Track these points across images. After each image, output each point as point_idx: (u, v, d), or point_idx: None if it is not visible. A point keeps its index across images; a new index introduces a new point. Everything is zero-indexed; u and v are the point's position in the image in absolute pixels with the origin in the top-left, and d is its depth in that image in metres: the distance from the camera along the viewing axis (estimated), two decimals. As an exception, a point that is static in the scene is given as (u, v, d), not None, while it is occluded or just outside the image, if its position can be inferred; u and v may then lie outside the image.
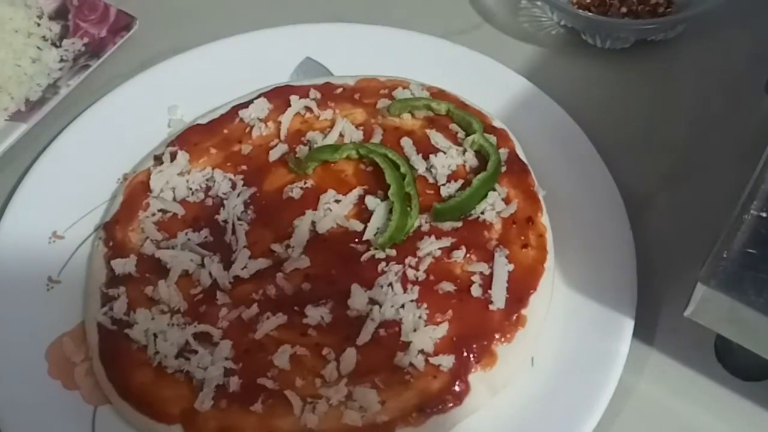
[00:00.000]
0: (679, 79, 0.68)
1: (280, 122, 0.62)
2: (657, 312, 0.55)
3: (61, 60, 0.68)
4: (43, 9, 0.71)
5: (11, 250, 0.57)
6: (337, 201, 0.57)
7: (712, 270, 0.43)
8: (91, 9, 0.70)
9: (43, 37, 0.69)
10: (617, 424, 0.51)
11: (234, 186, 0.59)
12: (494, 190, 0.57)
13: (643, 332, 0.54)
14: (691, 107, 0.66)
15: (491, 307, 0.52)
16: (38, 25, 0.70)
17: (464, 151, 0.60)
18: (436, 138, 0.60)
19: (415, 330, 0.51)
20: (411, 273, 0.54)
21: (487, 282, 0.53)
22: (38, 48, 0.68)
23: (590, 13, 0.68)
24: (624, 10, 0.70)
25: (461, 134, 0.61)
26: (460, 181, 0.58)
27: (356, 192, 0.58)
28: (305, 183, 0.59)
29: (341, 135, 0.61)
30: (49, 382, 0.52)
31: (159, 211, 0.58)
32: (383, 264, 0.54)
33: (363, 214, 0.57)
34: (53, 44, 0.69)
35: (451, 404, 0.49)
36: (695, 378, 0.54)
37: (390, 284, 0.53)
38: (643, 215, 0.59)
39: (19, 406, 0.51)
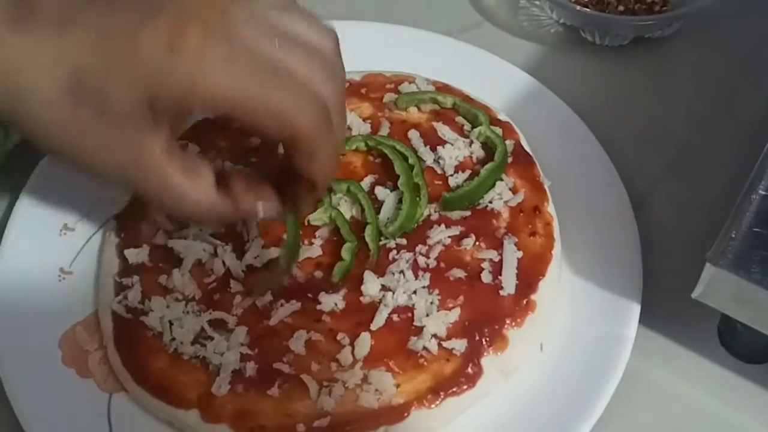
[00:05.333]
0: (677, 74, 0.70)
1: (288, 116, 0.63)
2: (661, 297, 0.56)
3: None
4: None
5: (23, 243, 0.58)
6: (348, 192, 0.58)
7: (721, 250, 0.45)
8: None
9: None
10: (625, 407, 0.52)
11: (244, 178, 0.59)
12: (501, 180, 0.58)
13: (648, 317, 0.55)
14: (689, 101, 0.68)
15: (501, 292, 0.53)
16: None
17: (471, 142, 0.61)
18: (443, 130, 0.61)
19: (427, 315, 0.52)
20: (422, 260, 0.55)
21: (497, 269, 0.54)
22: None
23: (589, 10, 0.70)
24: (621, 8, 0.72)
25: (467, 127, 0.62)
26: (468, 172, 0.59)
27: (367, 181, 0.59)
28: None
29: (349, 128, 0.62)
30: (64, 371, 0.53)
31: (170, 202, 0.58)
32: (394, 252, 0.55)
33: (373, 204, 0.57)
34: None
35: (465, 386, 0.50)
36: (699, 361, 0.55)
37: (401, 271, 0.54)
38: (646, 204, 0.61)
39: (34, 395, 0.51)
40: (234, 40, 0.43)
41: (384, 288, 0.53)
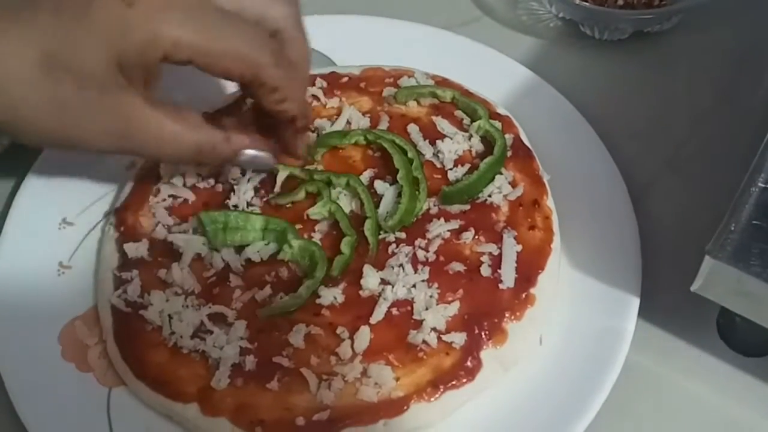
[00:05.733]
0: (676, 68, 0.70)
1: (287, 110, 0.63)
2: (660, 291, 0.56)
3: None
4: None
5: (22, 237, 0.58)
6: (348, 185, 0.58)
7: (720, 243, 0.45)
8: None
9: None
10: (624, 400, 0.52)
11: (244, 172, 0.59)
12: (501, 173, 0.58)
13: (648, 311, 0.55)
14: (687, 95, 0.68)
15: (501, 286, 0.53)
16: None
17: (470, 136, 0.61)
18: (442, 124, 0.61)
19: (427, 308, 0.52)
20: (421, 254, 0.55)
21: (496, 262, 0.54)
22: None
23: (588, 4, 0.70)
24: (620, 2, 0.72)
25: (466, 120, 0.62)
26: (467, 166, 0.59)
27: (366, 175, 0.59)
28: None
29: (348, 122, 0.62)
30: (63, 365, 0.53)
31: (169, 196, 0.58)
32: (393, 246, 0.55)
33: (372, 198, 0.57)
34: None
35: (464, 380, 0.50)
36: (698, 355, 0.55)
37: (401, 265, 0.54)
38: (645, 198, 0.61)
39: (33, 389, 0.51)
40: None
41: (383, 282, 0.53)
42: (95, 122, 0.47)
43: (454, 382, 0.50)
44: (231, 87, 0.64)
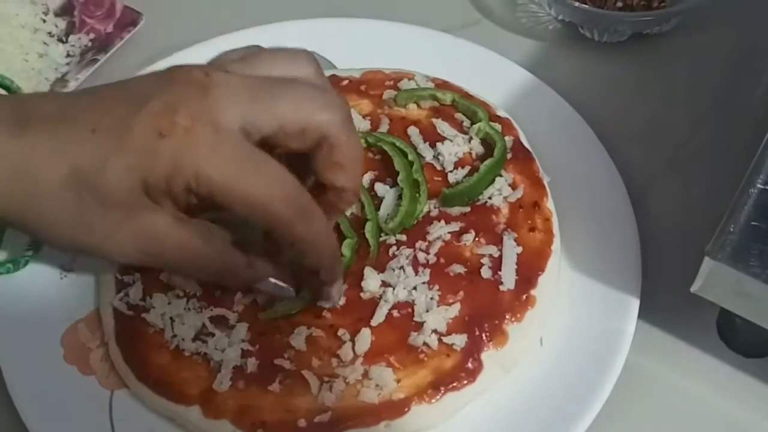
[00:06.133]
0: (675, 69, 0.70)
1: (287, 113, 0.63)
2: (660, 292, 0.56)
3: (68, 55, 0.69)
4: (48, 5, 0.71)
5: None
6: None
7: (719, 244, 0.45)
8: (97, 5, 0.71)
9: (49, 33, 0.70)
10: (624, 401, 0.52)
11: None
12: (501, 176, 0.58)
13: (648, 312, 0.55)
14: (687, 96, 0.68)
15: (501, 288, 0.53)
16: (44, 21, 0.70)
17: (470, 139, 0.61)
18: (442, 127, 0.61)
19: (427, 311, 0.52)
20: (422, 256, 0.55)
21: (497, 264, 0.55)
22: (44, 44, 0.69)
23: (587, 6, 0.70)
24: (619, 4, 0.72)
25: (466, 123, 0.62)
26: (467, 168, 0.59)
27: (367, 178, 0.59)
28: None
29: (348, 125, 0.62)
30: (66, 368, 0.53)
31: (171, 200, 0.59)
32: (394, 248, 0.55)
33: (373, 200, 0.58)
34: (59, 40, 0.70)
35: (465, 381, 0.50)
36: (699, 355, 0.55)
37: (401, 267, 0.54)
38: (644, 199, 0.61)
39: (36, 393, 0.52)
40: (219, 124, 0.45)
41: (384, 284, 0.54)
42: (121, 239, 0.47)
43: (455, 384, 0.50)
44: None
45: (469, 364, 0.51)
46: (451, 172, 0.59)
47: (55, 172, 0.45)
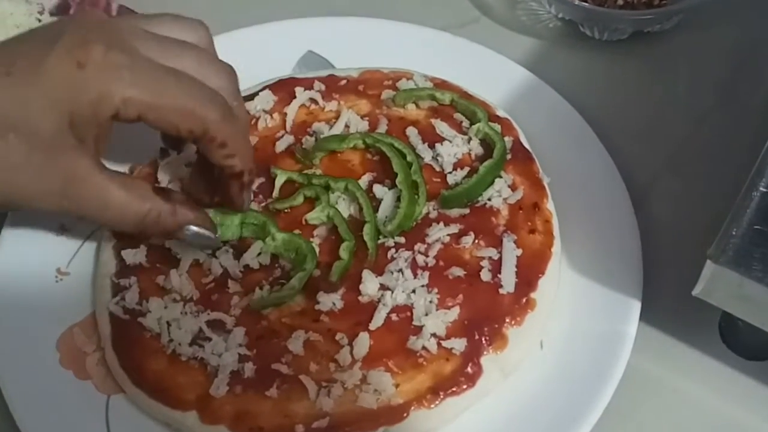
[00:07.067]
0: (676, 68, 0.70)
1: (285, 114, 0.62)
2: (661, 294, 0.56)
3: (63, 55, 0.68)
4: (43, 5, 0.71)
5: (19, 243, 0.57)
6: (346, 190, 0.58)
7: (722, 247, 0.44)
8: (93, 4, 0.70)
9: (45, 32, 0.69)
10: (626, 405, 0.52)
11: (240, 176, 0.59)
12: (500, 177, 0.58)
13: (649, 314, 0.55)
14: (688, 95, 0.68)
15: (501, 291, 0.53)
16: (39, 21, 0.70)
17: (469, 139, 0.60)
18: (441, 127, 0.61)
19: (426, 314, 0.52)
20: (420, 259, 0.54)
21: (496, 267, 0.54)
22: (40, 43, 0.69)
23: (587, 4, 0.69)
24: (620, 2, 0.71)
25: (466, 123, 0.61)
26: (466, 169, 0.59)
27: (365, 179, 0.58)
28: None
29: (347, 126, 0.61)
30: (62, 373, 0.52)
31: (167, 202, 0.58)
32: (393, 251, 0.55)
33: (371, 202, 0.57)
34: (55, 40, 0.69)
35: (464, 386, 0.50)
36: (700, 358, 0.55)
37: (400, 270, 0.54)
38: (646, 201, 0.61)
39: (32, 397, 0.51)
40: (132, 51, 0.47)
41: (383, 287, 0.53)
42: (41, 183, 0.47)
43: (454, 389, 0.50)
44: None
45: (469, 369, 0.50)
46: (450, 173, 0.59)
47: None
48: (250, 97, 0.63)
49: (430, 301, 0.52)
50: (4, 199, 0.48)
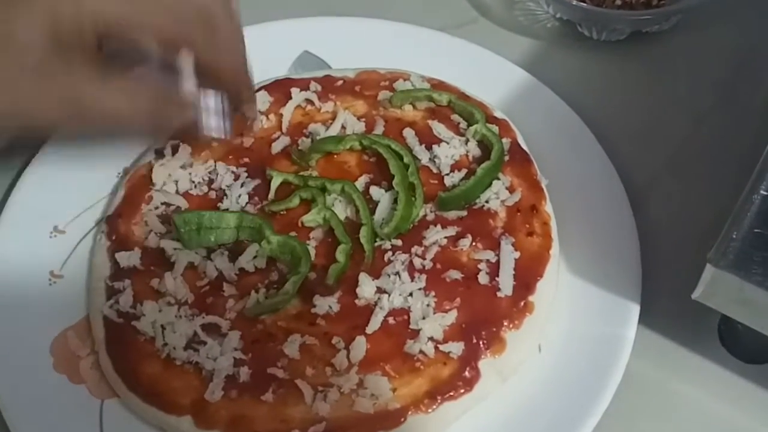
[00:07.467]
0: (675, 69, 0.69)
1: (281, 115, 0.62)
2: (660, 297, 0.56)
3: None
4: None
5: (13, 245, 0.57)
6: (342, 191, 0.57)
7: (722, 251, 0.44)
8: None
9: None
10: (624, 408, 0.52)
11: (237, 178, 0.59)
12: (498, 179, 0.57)
13: (648, 318, 0.54)
14: (687, 96, 0.67)
15: (499, 294, 0.53)
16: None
17: (467, 141, 0.60)
18: (438, 128, 0.60)
19: (423, 318, 0.51)
20: (418, 262, 0.54)
21: (494, 269, 0.54)
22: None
23: (585, 5, 0.69)
24: (619, 2, 0.71)
25: (463, 125, 0.61)
26: (464, 171, 0.58)
27: (362, 181, 0.58)
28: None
29: (343, 127, 0.61)
30: (55, 377, 0.52)
31: (162, 204, 0.58)
32: (389, 253, 0.54)
33: (368, 204, 0.57)
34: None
35: (462, 390, 0.49)
36: (700, 361, 0.54)
37: (397, 273, 0.53)
38: (645, 203, 0.60)
39: (25, 401, 0.51)
40: None
41: (379, 290, 0.53)
42: (45, 96, 0.49)
43: (452, 393, 0.49)
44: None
45: (466, 373, 0.50)
46: (447, 175, 0.58)
47: None
48: (247, 98, 0.62)
49: (428, 305, 0.52)
50: (17, 115, 0.49)
